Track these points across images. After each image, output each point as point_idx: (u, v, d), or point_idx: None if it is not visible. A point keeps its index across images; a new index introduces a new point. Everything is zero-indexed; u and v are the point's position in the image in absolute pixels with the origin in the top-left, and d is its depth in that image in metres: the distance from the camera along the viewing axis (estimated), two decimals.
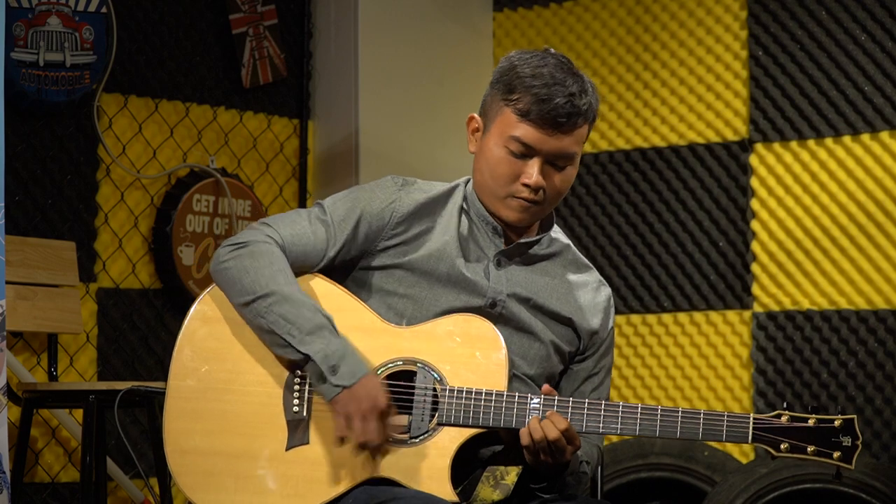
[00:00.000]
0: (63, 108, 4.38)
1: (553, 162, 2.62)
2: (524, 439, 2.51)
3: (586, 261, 2.80)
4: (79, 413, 4.06)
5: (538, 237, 2.71)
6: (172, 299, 4.69)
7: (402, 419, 2.56)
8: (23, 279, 4.13)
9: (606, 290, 2.79)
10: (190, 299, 2.72)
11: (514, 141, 2.61)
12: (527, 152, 2.61)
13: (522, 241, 2.70)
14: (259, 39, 4.95)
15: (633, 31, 5.19)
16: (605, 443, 4.34)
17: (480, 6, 5.48)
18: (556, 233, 2.77)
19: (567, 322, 2.71)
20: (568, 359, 2.73)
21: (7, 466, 3.28)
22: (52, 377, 4.25)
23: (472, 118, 2.70)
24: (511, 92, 2.62)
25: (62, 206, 4.43)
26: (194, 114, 4.82)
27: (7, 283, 3.71)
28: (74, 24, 4.34)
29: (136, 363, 4.60)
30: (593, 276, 2.78)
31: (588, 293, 2.75)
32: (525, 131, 2.60)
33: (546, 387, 2.56)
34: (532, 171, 2.61)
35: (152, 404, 3.87)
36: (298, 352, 2.54)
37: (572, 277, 2.74)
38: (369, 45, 5.11)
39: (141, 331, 4.63)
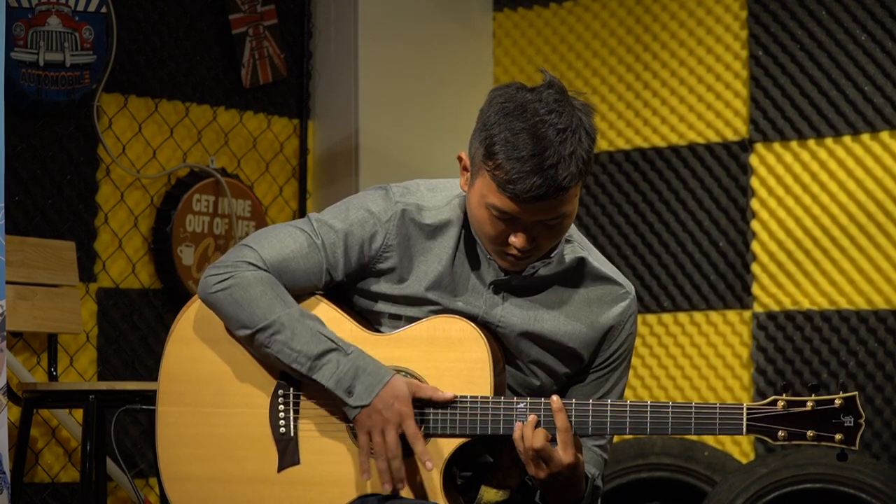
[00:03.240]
0: (63, 108, 4.38)
1: (542, 222, 2.46)
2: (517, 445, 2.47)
3: (606, 271, 2.63)
4: (79, 413, 4.05)
5: (540, 264, 2.56)
6: (172, 299, 4.68)
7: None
8: (23, 279, 4.12)
9: (624, 302, 2.61)
10: (190, 299, 2.70)
11: (496, 209, 2.43)
12: (511, 219, 2.44)
13: (524, 272, 2.56)
14: (259, 39, 4.95)
15: (633, 31, 5.19)
16: None
17: (480, 6, 5.48)
18: (571, 241, 2.61)
19: (566, 351, 2.59)
20: (565, 378, 2.63)
21: (7, 466, 3.28)
22: (52, 377, 4.25)
23: (460, 157, 2.53)
24: (489, 157, 2.41)
25: (62, 206, 4.43)
26: (194, 114, 4.82)
27: (7, 283, 3.70)
28: (74, 24, 4.34)
29: (136, 363, 4.60)
30: (610, 288, 2.62)
31: (601, 309, 2.61)
32: (504, 203, 2.42)
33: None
34: (519, 237, 2.45)
35: (154, 404, 3.86)
36: (311, 379, 2.50)
37: (584, 294, 2.60)
38: (369, 44, 5.11)
39: (141, 331, 4.63)
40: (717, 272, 4.99)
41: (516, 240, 2.46)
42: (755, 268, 4.92)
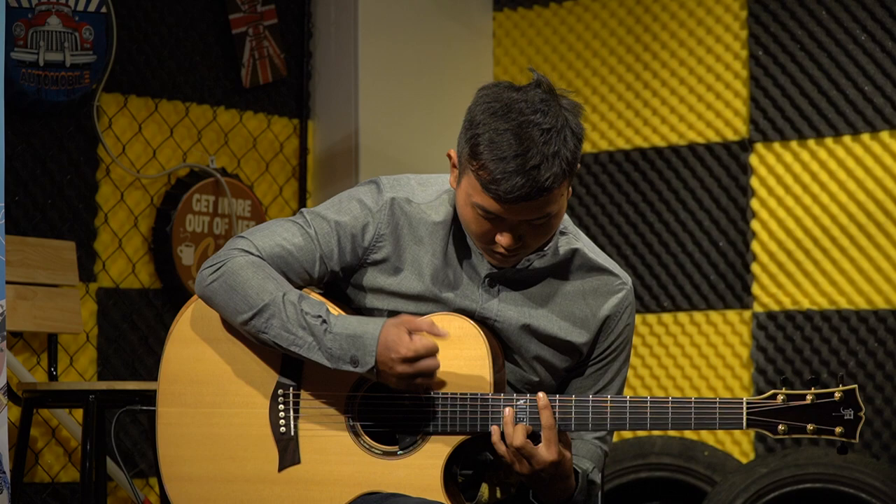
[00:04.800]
0: (63, 108, 4.38)
1: (528, 222, 2.45)
2: (498, 449, 2.47)
3: (601, 262, 2.64)
4: (79, 413, 4.05)
5: (534, 257, 2.56)
6: (172, 299, 4.68)
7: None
8: (23, 279, 4.12)
9: (621, 293, 2.62)
10: (189, 299, 2.70)
11: (481, 209, 2.43)
12: (496, 219, 2.44)
13: (519, 265, 2.56)
14: (259, 39, 4.95)
15: (633, 31, 5.19)
16: None
17: (480, 6, 5.48)
18: (566, 233, 2.61)
19: (564, 344, 2.60)
20: (564, 372, 2.64)
21: (7, 466, 3.28)
22: (52, 377, 4.25)
23: (450, 154, 2.54)
24: (474, 157, 2.41)
25: (62, 206, 4.43)
26: (194, 114, 4.82)
27: (7, 283, 3.71)
28: (74, 24, 4.34)
29: (136, 363, 4.60)
30: (606, 278, 2.62)
31: (597, 300, 2.61)
32: (488, 202, 2.42)
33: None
34: (505, 236, 2.45)
35: (154, 404, 3.86)
36: (313, 361, 2.50)
37: (579, 286, 2.61)
38: (369, 44, 5.11)
39: (141, 331, 4.63)
40: (717, 272, 4.99)
41: (502, 239, 2.45)
42: (755, 268, 4.92)
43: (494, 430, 2.46)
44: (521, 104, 2.41)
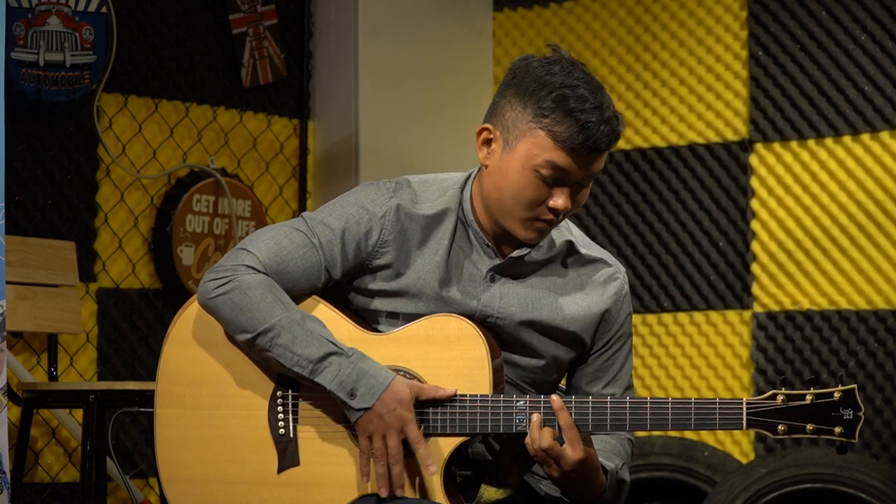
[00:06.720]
0: (63, 108, 4.38)
1: (581, 182, 2.52)
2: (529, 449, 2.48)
3: (595, 253, 2.66)
4: (79, 413, 4.06)
5: (531, 248, 2.58)
6: (172, 299, 4.68)
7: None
8: (23, 279, 4.12)
9: (617, 282, 2.64)
10: (189, 299, 2.70)
11: (549, 167, 2.47)
12: (560, 177, 2.48)
13: (515, 255, 2.57)
14: (259, 39, 4.96)
15: (633, 31, 5.19)
16: None
17: (480, 6, 5.48)
18: (559, 228, 2.63)
19: (566, 336, 2.61)
20: (569, 364, 2.65)
21: (7, 466, 3.28)
22: (52, 377, 4.25)
23: (484, 129, 2.54)
24: (545, 114, 2.47)
25: (62, 206, 4.43)
26: (194, 114, 4.82)
27: (7, 283, 3.71)
28: (74, 24, 4.34)
29: (136, 363, 4.60)
30: (601, 268, 2.65)
31: (595, 290, 2.63)
32: (563, 158, 2.47)
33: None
34: (562, 196, 2.49)
35: (153, 406, 3.86)
36: (313, 383, 2.50)
37: (576, 278, 2.63)
38: (369, 45, 5.11)
39: (141, 331, 4.63)
40: (717, 272, 4.99)
41: (558, 200, 2.49)
42: (755, 268, 4.92)
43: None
44: (571, 66, 2.54)
